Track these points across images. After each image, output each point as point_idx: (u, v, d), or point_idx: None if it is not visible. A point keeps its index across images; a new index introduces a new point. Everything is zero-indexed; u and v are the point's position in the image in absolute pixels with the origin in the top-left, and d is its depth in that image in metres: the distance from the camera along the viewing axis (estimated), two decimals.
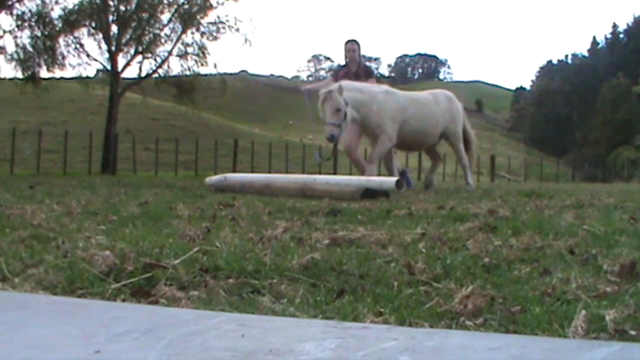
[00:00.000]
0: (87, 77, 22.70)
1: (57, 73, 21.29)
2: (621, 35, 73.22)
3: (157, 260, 1.82)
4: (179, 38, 20.95)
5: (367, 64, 9.60)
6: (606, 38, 75.72)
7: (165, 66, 21.31)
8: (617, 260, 1.89)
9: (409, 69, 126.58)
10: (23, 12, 19.58)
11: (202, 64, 20.67)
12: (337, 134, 6.41)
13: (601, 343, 1.10)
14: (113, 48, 20.41)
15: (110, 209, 3.63)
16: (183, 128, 29.63)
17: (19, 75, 20.02)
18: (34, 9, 19.62)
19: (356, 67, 7.83)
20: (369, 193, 5.09)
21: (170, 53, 21.04)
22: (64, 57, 20.29)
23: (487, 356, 0.99)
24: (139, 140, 20.36)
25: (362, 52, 8.21)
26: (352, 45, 8.03)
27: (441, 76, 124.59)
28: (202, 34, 20.98)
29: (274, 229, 2.60)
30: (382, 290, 1.56)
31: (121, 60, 20.90)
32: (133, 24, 20.78)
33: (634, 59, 59.50)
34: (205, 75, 21.76)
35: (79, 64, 20.81)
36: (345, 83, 6.73)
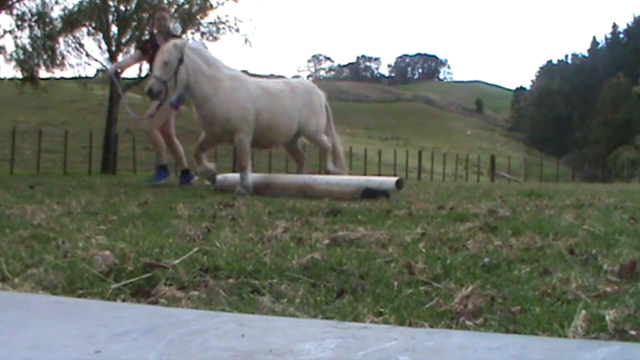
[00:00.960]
0: (87, 77, 22.70)
1: (57, 73, 21.28)
2: (621, 35, 73.25)
3: (157, 260, 1.82)
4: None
5: (176, 34, 8.52)
6: (606, 38, 75.78)
7: None
8: (617, 260, 1.89)
9: (409, 69, 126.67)
10: (23, 12, 19.58)
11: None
12: (157, 91, 5.40)
13: (601, 343, 1.10)
14: (113, 48, 20.40)
15: (110, 209, 3.63)
16: (183, 128, 29.55)
17: (19, 75, 20.03)
18: (34, 9, 19.62)
19: (163, 39, 6.70)
20: (369, 193, 5.09)
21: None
22: (63, 57, 20.29)
23: (487, 356, 0.99)
24: (139, 140, 20.33)
25: (363, 52, 7.97)
26: (161, 14, 7.28)
27: (441, 76, 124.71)
28: (202, 34, 20.98)
29: (274, 229, 2.60)
30: (382, 290, 1.56)
31: None
32: (133, 24, 20.79)
33: (634, 59, 59.54)
34: None
35: (79, 64, 20.82)
36: (194, 44, 5.89)
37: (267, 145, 6.74)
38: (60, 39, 20.19)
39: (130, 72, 21.04)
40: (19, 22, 19.47)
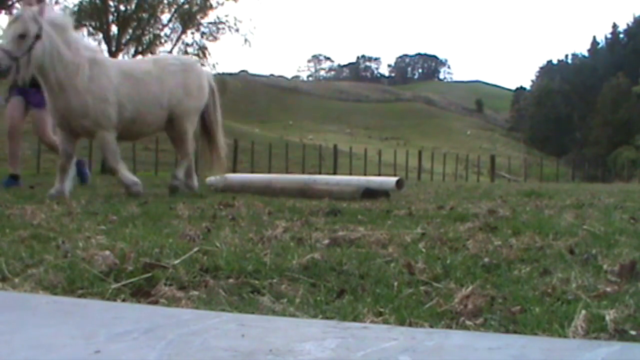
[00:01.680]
0: None
1: None
2: (621, 35, 73.29)
3: (157, 260, 1.82)
4: (179, 38, 20.99)
5: None
6: (606, 38, 75.83)
7: None
8: (617, 260, 1.89)
9: (409, 69, 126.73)
10: None
11: (202, 64, 20.69)
12: (6, 67, 4.46)
13: (601, 343, 1.10)
14: (113, 48, 20.40)
15: (110, 209, 3.63)
16: None
17: None
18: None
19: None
20: (369, 193, 5.09)
21: (170, 53, 21.05)
22: None
23: (487, 356, 0.99)
24: (139, 140, 20.37)
25: (363, 52, 7.70)
26: None
27: (441, 76, 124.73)
28: (202, 34, 21.03)
29: (274, 229, 2.60)
30: (382, 290, 1.56)
31: None
32: (133, 24, 20.80)
33: (634, 59, 59.57)
34: None
35: None
36: (57, 16, 4.84)
37: (135, 139, 6.12)
38: None
39: None
40: None
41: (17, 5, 19.41)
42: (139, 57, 19.36)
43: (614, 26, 75.20)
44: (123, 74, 5.07)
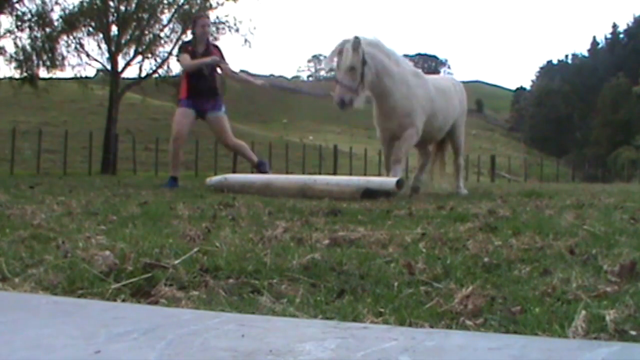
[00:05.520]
0: (87, 77, 22.73)
1: (57, 73, 21.31)
2: (621, 35, 73.30)
3: (157, 260, 1.82)
4: (179, 38, 20.99)
5: (216, 43, 8.34)
6: (606, 38, 75.83)
7: (165, 66, 21.34)
8: (617, 260, 1.89)
9: None
10: (23, 13, 19.59)
11: None
12: (348, 100, 5.23)
13: (601, 343, 1.10)
14: (113, 48, 20.42)
15: (110, 209, 3.63)
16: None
17: (17, 75, 20.02)
18: (34, 10, 19.63)
19: (204, 47, 6.82)
20: (369, 193, 5.08)
21: (170, 53, 21.08)
22: (63, 58, 20.32)
23: (487, 356, 0.99)
24: (139, 140, 20.36)
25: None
26: (205, 21, 7.05)
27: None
28: None
29: (274, 229, 2.60)
30: (382, 290, 1.56)
31: (121, 61, 20.94)
32: (133, 24, 20.82)
33: (634, 59, 59.55)
34: None
35: (79, 64, 20.84)
36: (369, 37, 5.47)
37: (427, 143, 6.58)
38: (61, 40, 20.21)
39: (130, 72, 21.08)
40: (19, 23, 19.48)
41: (16, 5, 19.43)
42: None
43: (614, 26, 75.24)
44: (436, 88, 5.99)
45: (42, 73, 20.48)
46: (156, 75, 21.46)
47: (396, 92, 5.55)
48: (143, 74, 21.33)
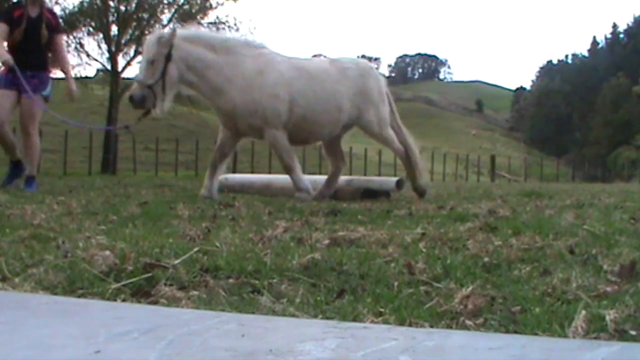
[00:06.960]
0: (87, 77, 22.74)
1: (57, 74, 21.29)
2: (621, 35, 73.25)
3: (157, 260, 1.82)
4: None
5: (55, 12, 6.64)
6: (606, 38, 75.76)
7: None
8: (617, 260, 1.89)
9: (409, 69, 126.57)
10: None
11: None
12: (140, 97, 4.51)
13: (601, 343, 1.10)
14: (113, 48, 20.41)
15: (110, 209, 3.63)
16: (183, 128, 29.62)
17: None
18: None
19: (39, 11, 5.41)
20: (370, 193, 5.09)
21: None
22: None
23: (487, 356, 0.99)
24: (139, 140, 20.33)
25: (363, 52, 7.17)
26: None
27: (441, 76, 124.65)
28: None
29: (274, 229, 2.60)
30: (382, 290, 1.56)
31: (121, 60, 20.92)
32: (133, 24, 20.81)
33: (634, 59, 59.55)
34: None
35: (79, 64, 20.84)
36: (191, 31, 4.90)
37: (306, 142, 5.72)
38: None
39: (130, 72, 21.11)
40: None
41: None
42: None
43: (614, 26, 75.17)
44: (295, 69, 4.84)
45: None
46: None
47: (230, 88, 4.59)
48: None
